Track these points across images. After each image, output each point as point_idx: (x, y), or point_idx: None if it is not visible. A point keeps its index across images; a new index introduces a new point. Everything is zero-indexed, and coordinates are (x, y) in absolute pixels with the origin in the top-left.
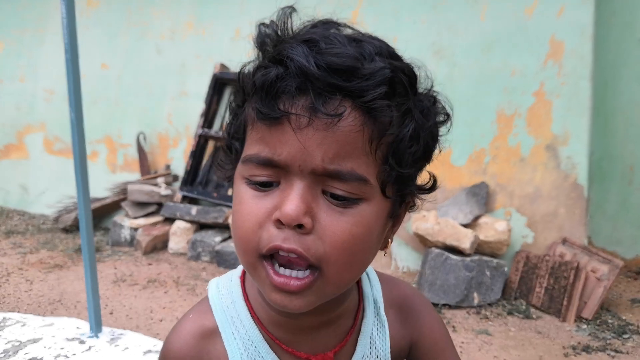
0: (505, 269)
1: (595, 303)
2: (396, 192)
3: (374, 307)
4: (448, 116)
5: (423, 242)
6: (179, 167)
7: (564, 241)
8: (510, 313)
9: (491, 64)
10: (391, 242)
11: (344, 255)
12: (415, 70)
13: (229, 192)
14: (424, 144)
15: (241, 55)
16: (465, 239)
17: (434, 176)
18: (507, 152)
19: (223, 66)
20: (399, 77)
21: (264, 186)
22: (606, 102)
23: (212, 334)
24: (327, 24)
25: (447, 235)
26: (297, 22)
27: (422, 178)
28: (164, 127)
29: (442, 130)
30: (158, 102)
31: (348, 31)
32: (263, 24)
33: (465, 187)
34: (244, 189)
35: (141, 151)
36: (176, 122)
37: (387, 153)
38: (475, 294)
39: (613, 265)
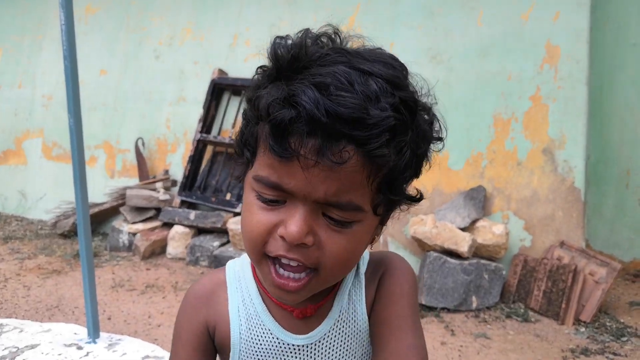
0: (504, 272)
1: (594, 306)
2: (386, 210)
3: (355, 268)
4: (441, 139)
5: (421, 246)
6: (178, 172)
7: (562, 244)
8: (508, 316)
9: (488, 69)
10: (378, 237)
11: (339, 263)
12: (416, 96)
13: (227, 197)
14: (416, 166)
15: (239, 61)
16: (463, 243)
17: (421, 193)
18: (504, 156)
19: (221, 72)
20: (402, 118)
21: (272, 202)
22: (602, 106)
23: (222, 284)
24: (339, 53)
25: (445, 239)
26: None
27: (411, 189)
28: (162, 133)
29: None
30: (156, 107)
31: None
32: (279, 36)
33: (463, 190)
34: (254, 200)
35: (140, 156)
36: (174, 128)
37: (381, 183)
38: (473, 298)
39: (611, 268)
